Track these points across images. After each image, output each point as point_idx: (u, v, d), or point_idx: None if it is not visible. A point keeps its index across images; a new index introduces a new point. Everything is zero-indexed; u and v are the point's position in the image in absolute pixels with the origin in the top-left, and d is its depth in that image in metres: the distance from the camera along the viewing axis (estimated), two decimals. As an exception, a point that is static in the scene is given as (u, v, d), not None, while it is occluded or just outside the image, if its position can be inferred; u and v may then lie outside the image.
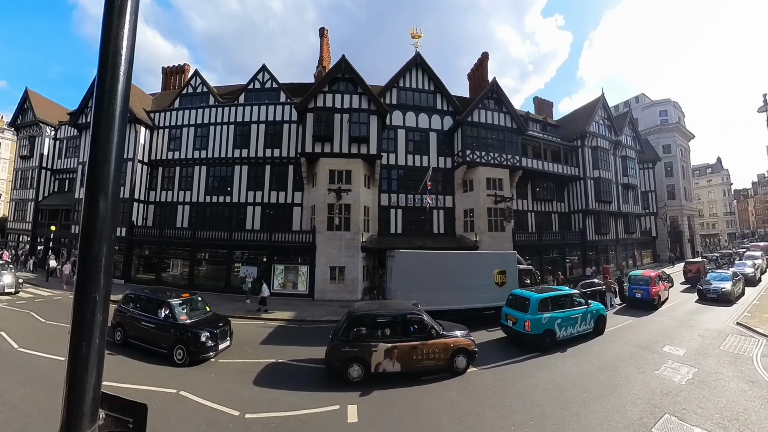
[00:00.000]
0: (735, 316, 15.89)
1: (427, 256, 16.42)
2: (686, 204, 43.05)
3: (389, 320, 9.77)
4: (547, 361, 10.63)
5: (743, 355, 10.95)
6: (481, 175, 25.07)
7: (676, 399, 8.01)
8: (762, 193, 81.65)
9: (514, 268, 17.08)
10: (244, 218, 23.42)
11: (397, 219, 24.63)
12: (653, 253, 37.66)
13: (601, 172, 31.10)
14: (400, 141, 25.59)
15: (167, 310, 10.49)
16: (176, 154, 24.95)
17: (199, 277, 22.08)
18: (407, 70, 26.63)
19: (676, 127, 43.47)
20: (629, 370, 9.86)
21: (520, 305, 12.38)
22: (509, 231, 25.22)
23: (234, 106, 24.75)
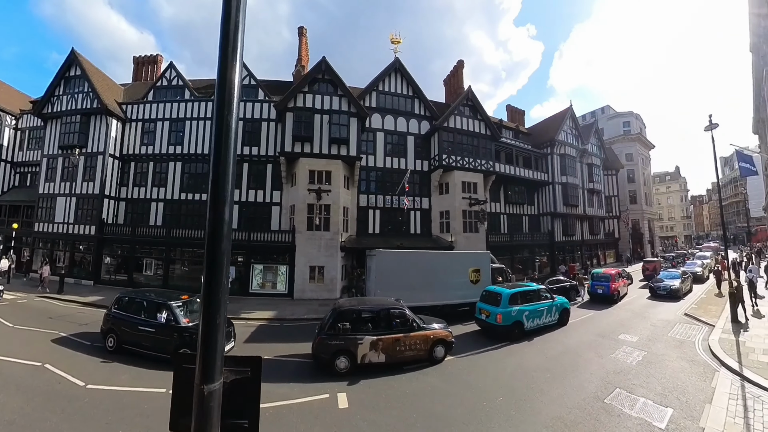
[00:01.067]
0: (684, 308, 17.76)
1: (406, 256, 17.18)
2: (647, 208, 46.49)
3: (373, 315, 10.41)
4: (516, 349, 11.83)
5: (687, 340, 12.58)
6: (456, 179, 26.29)
7: (627, 376, 9.29)
8: (715, 199, 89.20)
9: (487, 266, 18.23)
10: None
11: (375, 219, 25.35)
12: (616, 253, 40.33)
13: (569, 177, 33.24)
14: (378, 143, 26.35)
15: (168, 313, 10.30)
16: (150, 148, 24.38)
17: (174, 277, 21.69)
18: (386, 74, 27.44)
19: (637, 137, 46.94)
20: (588, 354, 11.18)
21: (493, 300, 13.54)
22: (483, 232, 26.57)
23: (211, 101, 24.24)
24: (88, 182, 23.17)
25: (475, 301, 15.07)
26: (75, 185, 23.38)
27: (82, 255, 23.22)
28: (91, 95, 23.60)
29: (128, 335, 10.52)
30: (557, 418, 7.20)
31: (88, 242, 22.71)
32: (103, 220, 22.59)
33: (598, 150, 38.05)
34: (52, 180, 23.98)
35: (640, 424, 6.91)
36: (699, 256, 33.53)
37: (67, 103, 24.32)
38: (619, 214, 40.49)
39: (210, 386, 1.87)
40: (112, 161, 23.72)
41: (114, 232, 22.44)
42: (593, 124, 39.36)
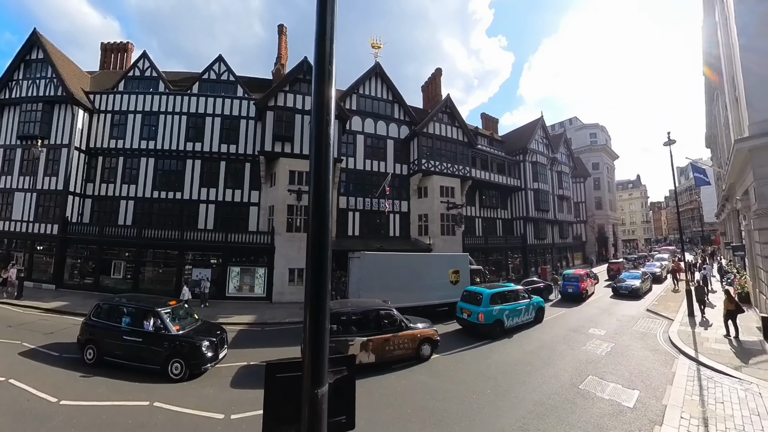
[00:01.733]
0: (645, 305, 19.24)
1: (390, 258, 17.37)
2: (611, 214, 49.28)
3: (363, 316, 10.53)
4: (498, 346, 12.41)
5: (650, 333, 13.88)
6: (435, 183, 26.92)
7: (598, 365, 10.28)
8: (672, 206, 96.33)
9: (466, 268, 18.84)
10: (196, 217, 22.46)
11: (355, 222, 25.40)
12: (583, 255, 42.33)
13: (540, 184, 34.72)
14: (359, 146, 26.50)
15: (156, 320, 9.64)
16: (120, 142, 23.06)
17: (144, 280, 20.56)
18: (367, 78, 27.69)
19: (603, 148, 49.82)
20: (562, 348, 12.11)
21: (474, 300, 14.05)
22: (459, 235, 27.29)
23: (187, 95, 23.58)
24: (51, 177, 21.62)
25: (455, 301, 15.52)
26: (36, 180, 21.70)
27: (43, 256, 21.61)
28: (54, 82, 21.97)
29: (111, 346, 9.70)
30: (539, 403, 7.86)
31: (49, 242, 21.17)
32: (67, 219, 21.16)
33: (567, 159, 40.01)
34: (9, 173, 22.14)
35: (612, 404, 7.77)
36: (657, 258, 35.85)
37: (27, 89, 22.51)
38: (586, 219, 42.71)
39: (321, 389, 1.95)
40: (78, 155, 22.23)
41: (79, 231, 21.05)
42: (563, 134, 41.33)
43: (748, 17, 11.38)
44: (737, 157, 12.37)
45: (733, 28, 12.47)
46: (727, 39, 15.27)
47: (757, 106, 10.93)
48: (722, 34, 17.43)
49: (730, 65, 15.60)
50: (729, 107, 16.89)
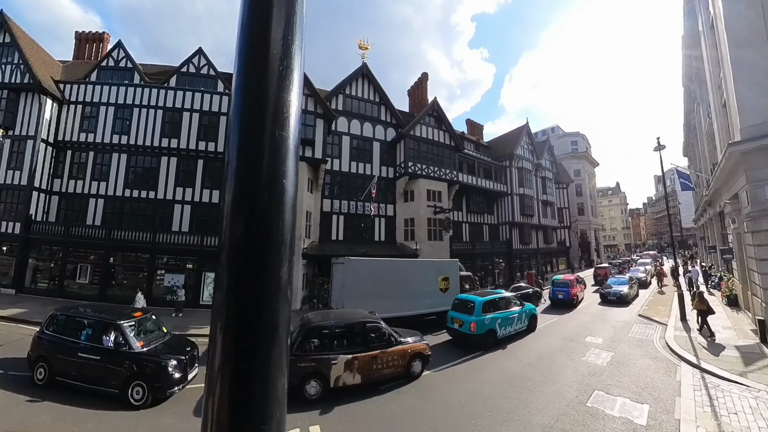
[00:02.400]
0: (636, 310, 18.88)
1: (376, 264, 16.28)
2: (593, 219, 49.80)
3: (347, 330, 9.33)
4: (492, 359, 11.47)
5: (646, 339, 13.38)
6: (421, 187, 26.21)
7: (601, 378, 9.57)
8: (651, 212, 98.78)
9: (456, 274, 17.91)
10: (170, 218, 20.87)
11: (339, 226, 24.40)
12: (567, 261, 42.37)
13: (525, 189, 34.53)
14: (344, 147, 25.56)
15: (117, 335, 8.27)
16: (90, 136, 21.21)
17: (113, 286, 18.93)
18: (354, 78, 26.83)
19: (584, 155, 50.45)
20: (561, 359, 11.29)
21: (465, 308, 13.10)
22: (447, 240, 26.65)
23: (164, 88, 22.02)
24: (14, 171, 19.67)
25: (444, 309, 14.66)
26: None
27: (2, 258, 19.63)
28: (21, 68, 20.06)
29: (65, 364, 8.29)
30: (547, 427, 7.02)
31: (10, 242, 19.23)
32: (31, 217, 19.35)
33: (550, 165, 40.06)
34: (-34, 166, 20.27)
35: (624, 423, 7.13)
36: (641, 263, 36.13)
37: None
38: (569, 224, 42.83)
39: None
40: (45, 148, 20.39)
41: (43, 231, 19.19)
42: (546, 141, 41.50)
43: (738, 25, 11.54)
44: (728, 161, 12.29)
45: (722, 35, 12.59)
46: (713, 47, 15.52)
47: (747, 111, 11.05)
48: (707, 44, 17.36)
49: (716, 73, 15.97)
50: (715, 114, 17.16)
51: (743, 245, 13.54)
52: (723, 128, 15.35)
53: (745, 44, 11.35)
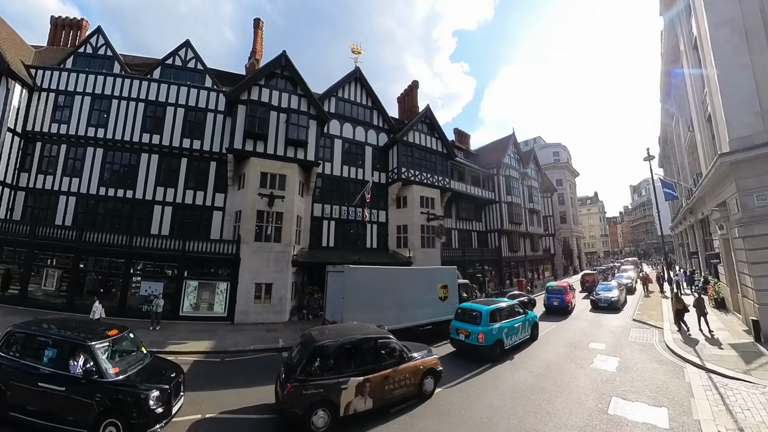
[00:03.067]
0: (630, 315, 18.91)
1: (379, 272, 15.06)
2: (575, 227, 50.41)
3: (357, 348, 7.97)
4: (502, 371, 10.74)
5: (647, 343, 13.40)
6: (415, 193, 25.34)
7: (615, 384, 9.40)
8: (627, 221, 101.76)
9: (455, 282, 17.09)
10: (149, 220, 19.03)
11: (330, 231, 23.11)
12: (552, 267, 42.42)
13: (513, 197, 34.26)
14: (336, 151, 24.37)
15: (87, 359, 6.63)
16: (64, 127, 18.99)
17: (83, 294, 16.79)
18: (347, 81, 25.80)
19: (566, 165, 51.08)
20: (571, 367, 10.90)
21: (470, 318, 12.28)
22: (439, 247, 25.84)
23: (147, 80, 20.13)
24: None
25: (444, 319, 14.10)
26: (-48, 166, 17.32)
27: None
28: None
29: (21, 395, 6.58)
30: None
31: None
32: (-9, 215, 17.09)
33: (536, 174, 40.17)
34: None
35: (648, 428, 7.03)
36: (623, 269, 36.45)
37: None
38: (554, 232, 42.97)
39: None
40: (12, 138, 18.03)
41: (6, 230, 16.77)
42: (531, 151, 41.59)
43: (723, 48, 12.27)
44: (717, 171, 12.83)
45: (708, 57, 13.30)
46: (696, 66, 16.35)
47: (735, 126, 11.66)
48: (690, 62, 17.83)
49: (699, 89, 16.59)
50: (698, 127, 17.64)
51: (732, 250, 13.80)
52: (707, 140, 15.95)
53: (730, 66, 12.03)
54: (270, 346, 13.72)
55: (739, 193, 11.68)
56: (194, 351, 12.69)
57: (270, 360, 12.14)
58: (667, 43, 24.79)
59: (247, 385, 9.52)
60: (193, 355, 12.31)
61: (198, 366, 11.24)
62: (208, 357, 12.36)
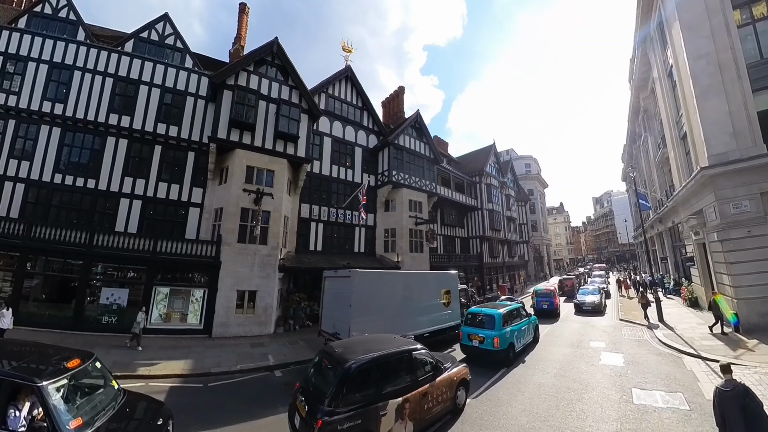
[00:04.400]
0: (615, 316, 19.17)
1: (387, 277, 13.43)
2: (545, 235, 51.22)
3: (393, 363, 6.52)
4: (520, 374, 10.31)
5: (642, 339, 13.80)
6: (404, 197, 23.87)
7: (629, 376, 9.61)
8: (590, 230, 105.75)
9: (456, 287, 15.92)
10: (114, 215, 15.89)
11: (318, 234, 20.97)
12: (526, 273, 42.40)
13: (494, 205, 33.72)
14: (325, 149, 22.31)
15: (35, 405, 4.60)
16: (12, 99, 15.26)
17: (29, 302, 13.55)
18: (337, 79, 23.90)
19: (536, 176, 51.78)
20: (582, 365, 10.85)
21: (482, 323, 11.60)
22: (427, 252, 24.52)
23: (117, 53, 16.88)
24: None
25: (447, 326, 13.55)
26: None
27: None
28: None
29: None
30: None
31: None
32: None
33: (512, 184, 40.03)
34: None
35: (674, 411, 7.39)
36: (596, 274, 36.99)
37: None
38: (528, 239, 43.10)
39: None
40: None
41: None
42: (509, 162, 41.52)
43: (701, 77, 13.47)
44: (697, 183, 13.98)
45: (686, 84, 14.50)
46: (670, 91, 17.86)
47: (713, 143, 12.87)
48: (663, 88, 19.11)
49: (673, 111, 17.98)
50: (671, 145, 18.96)
51: (709, 253, 14.69)
52: (682, 157, 17.20)
53: (707, 92, 13.26)
54: (259, 364, 11.53)
55: (718, 202, 12.74)
56: (169, 374, 10.22)
57: (263, 382, 10.13)
58: (639, 69, 25.61)
59: (245, 417, 7.50)
60: (169, 380, 9.86)
61: (177, 395, 8.85)
62: (187, 381, 9.96)
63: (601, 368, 10.43)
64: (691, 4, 13.97)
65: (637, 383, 9.02)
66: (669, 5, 15.67)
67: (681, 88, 15.41)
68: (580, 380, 9.50)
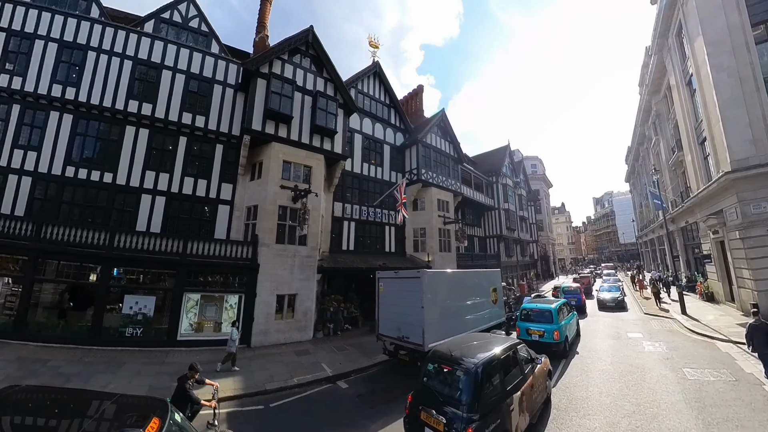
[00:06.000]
0: (637, 310, 18.65)
1: (449, 276, 11.86)
2: (550, 235, 49.87)
3: (507, 360, 6.08)
4: (581, 363, 10.10)
5: (672, 329, 13.77)
6: (433, 196, 21.91)
7: (675, 360, 9.82)
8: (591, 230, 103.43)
9: (500, 285, 14.78)
10: (134, 213, 13.23)
11: (350, 234, 18.76)
12: (536, 273, 40.82)
13: (509, 204, 32.01)
14: (356, 146, 20.07)
15: None
16: (17, 81, 12.23)
17: (39, 313, 10.89)
18: (365, 75, 21.71)
19: (542, 177, 50.38)
20: (631, 353, 10.81)
21: (539, 317, 11.45)
22: (454, 252, 22.65)
23: (137, 33, 14.13)
24: None
25: (496, 323, 12.75)
26: None
27: None
28: None
29: None
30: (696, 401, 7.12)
31: None
32: None
33: (524, 184, 38.45)
34: None
35: (725, 382, 7.90)
36: (607, 273, 35.76)
37: None
38: (537, 238, 41.64)
39: None
40: None
41: None
42: (521, 162, 39.95)
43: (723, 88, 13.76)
44: (719, 185, 14.14)
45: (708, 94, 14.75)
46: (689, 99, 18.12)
47: (735, 149, 13.24)
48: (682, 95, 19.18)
49: (691, 118, 18.08)
50: (688, 149, 19.13)
51: (728, 250, 14.85)
52: (700, 161, 17.40)
53: (729, 102, 13.57)
54: (317, 375, 9.56)
55: (740, 203, 13.11)
56: (220, 397, 8.03)
57: (330, 397, 8.38)
58: (654, 75, 25.34)
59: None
60: (221, 403, 7.74)
61: (239, 421, 6.94)
62: (243, 403, 7.92)
63: (648, 354, 10.52)
64: (714, 21, 14.24)
65: (685, 364, 9.32)
66: (692, 21, 15.69)
67: (702, 96, 15.51)
68: (635, 365, 9.60)
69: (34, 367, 8.81)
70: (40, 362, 9.18)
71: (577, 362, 10.18)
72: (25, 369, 8.64)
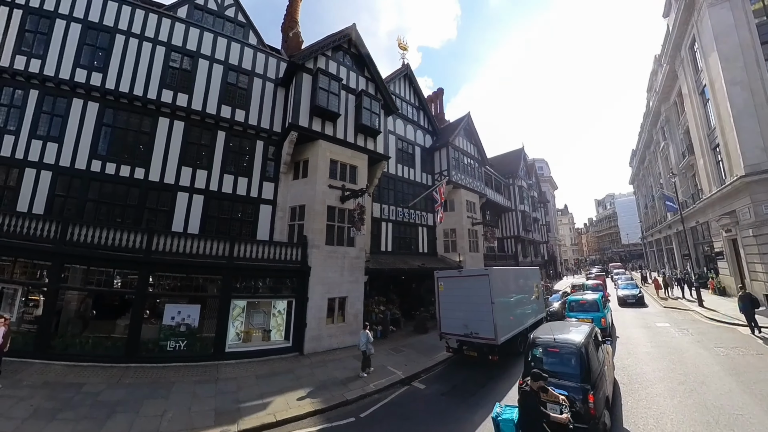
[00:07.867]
0: (656, 305, 18.31)
1: (509, 273, 11.16)
2: (556, 236, 48.40)
3: (594, 339, 6.27)
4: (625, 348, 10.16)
5: (695, 319, 13.55)
6: (462, 197, 20.22)
7: (706, 342, 10.01)
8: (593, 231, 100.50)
9: (540, 282, 14.21)
10: (170, 212, 11.09)
11: (388, 234, 16.90)
12: (546, 273, 39.37)
13: (525, 206, 30.55)
14: (391, 147, 18.16)
15: None
16: (36, 64, 10.05)
17: (67, 323, 8.79)
18: (397, 77, 20.02)
19: (549, 179, 49.08)
20: (665, 338, 10.84)
21: (587, 307, 11.81)
22: (482, 252, 21.07)
23: (171, 17, 11.98)
24: None
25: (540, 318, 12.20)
26: None
27: None
28: None
29: None
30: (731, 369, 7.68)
31: None
32: None
33: (535, 186, 37.08)
34: None
35: (752, 356, 8.45)
36: (617, 272, 34.50)
37: None
38: (547, 239, 40.28)
39: None
40: None
41: None
42: (533, 165, 38.41)
43: (737, 100, 13.86)
44: (734, 188, 14.21)
45: (722, 104, 14.76)
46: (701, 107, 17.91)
47: (748, 155, 13.39)
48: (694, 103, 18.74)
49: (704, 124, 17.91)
50: (700, 154, 18.79)
51: (741, 246, 14.76)
52: (712, 165, 17.32)
53: (742, 113, 13.74)
54: (391, 379, 8.21)
55: (753, 204, 13.33)
56: (300, 414, 6.24)
57: (416, 399, 7.44)
58: (664, 83, 24.61)
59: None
60: (303, 422, 6.11)
61: None
62: (330, 418, 6.24)
63: (680, 339, 10.62)
64: (728, 39, 14.27)
65: (715, 345, 9.58)
66: (706, 37, 15.66)
67: (716, 106, 15.53)
68: (672, 347, 9.81)
69: (67, 395, 6.64)
70: (74, 387, 7.03)
71: (620, 347, 10.21)
72: (56, 398, 6.46)
